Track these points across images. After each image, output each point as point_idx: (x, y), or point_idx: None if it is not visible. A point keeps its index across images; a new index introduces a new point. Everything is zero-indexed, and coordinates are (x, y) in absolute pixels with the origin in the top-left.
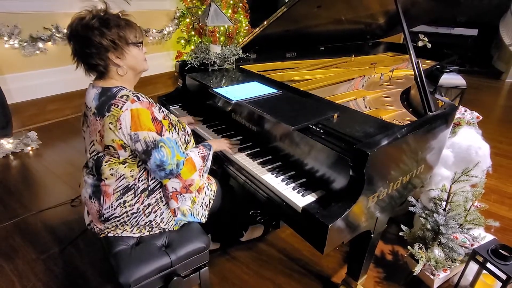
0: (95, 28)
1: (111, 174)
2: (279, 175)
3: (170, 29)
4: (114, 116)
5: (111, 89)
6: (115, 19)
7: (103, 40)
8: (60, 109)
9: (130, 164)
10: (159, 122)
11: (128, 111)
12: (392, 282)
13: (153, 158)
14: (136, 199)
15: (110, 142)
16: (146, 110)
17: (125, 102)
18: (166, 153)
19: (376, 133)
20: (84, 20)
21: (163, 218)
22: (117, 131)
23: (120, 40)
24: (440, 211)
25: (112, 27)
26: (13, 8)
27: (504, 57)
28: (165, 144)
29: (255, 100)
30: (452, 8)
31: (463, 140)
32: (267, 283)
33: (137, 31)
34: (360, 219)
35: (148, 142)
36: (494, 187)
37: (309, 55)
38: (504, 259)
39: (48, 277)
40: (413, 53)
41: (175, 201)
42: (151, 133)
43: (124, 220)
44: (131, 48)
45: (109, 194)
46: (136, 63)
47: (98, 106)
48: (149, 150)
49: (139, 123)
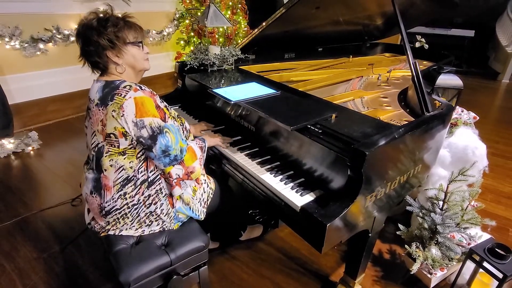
0: (94, 28)
1: (111, 165)
2: (277, 175)
3: (169, 30)
4: (117, 104)
5: (114, 81)
6: (114, 19)
7: (100, 39)
8: (60, 109)
9: (129, 155)
10: (161, 110)
11: (132, 99)
12: (389, 281)
13: (159, 143)
14: (137, 190)
15: (112, 130)
16: (149, 97)
17: (128, 91)
18: (171, 138)
19: (374, 133)
20: (87, 20)
21: (162, 209)
22: (119, 118)
23: (118, 39)
24: (437, 210)
25: (109, 27)
26: (14, 9)
27: (500, 58)
28: (169, 130)
29: (254, 101)
30: (449, 9)
31: (460, 140)
32: (266, 282)
33: (136, 31)
34: (358, 219)
35: (154, 127)
36: (491, 186)
37: (307, 56)
38: (500, 258)
39: (49, 275)
40: (411, 54)
41: (179, 187)
42: (156, 119)
43: (125, 212)
44: (129, 47)
45: (110, 187)
46: (134, 61)
47: (102, 97)
48: (155, 135)
49: (144, 110)
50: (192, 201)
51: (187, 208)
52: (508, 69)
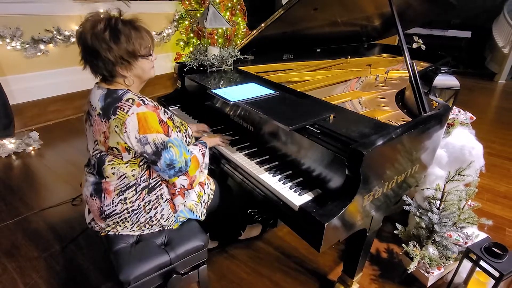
0: (104, 42)
1: (113, 173)
2: (276, 175)
3: (169, 31)
4: (120, 120)
5: (117, 91)
6: (127, 31)
7: (111, 55)
8: (61, 109)
9: (132, 163)
10: (165, 124)
11: (134, 115)
12: (387, 280)
13: (163, 158)
14: (137, 196)
15: (115, 144)
16: (152, 112)
17: (131, 106)
18: (175, 152)
19: (372, 133)
20: (96, 30)
21: (163, 215)
22: (122, 134)
23: (129, 55)
24: (434, 209)
25: (121, 43)
26: (15, 10)
27: (497, 59)
28: (173, 144)
29: (252, 101)
30: (446, 11)
31: (457, 140)
32: (264, 281)
33: (148, 40)
34: (355, 218)
35: (158, 143)
36: (487, 186)
37: (305, 56)
38: (497, 257)
39: (49, 274)
40: (408, 55)
41: (182, 197)
42: (160, 135)
43: (124, 216)
44: (140, 61)
45: (110, 191)
46: (143, 73)
47: (104, 107)
48: (159, 151)
49: (147, 126)
50: (195, 207)
51: (189, 212)
52: (504, 69)
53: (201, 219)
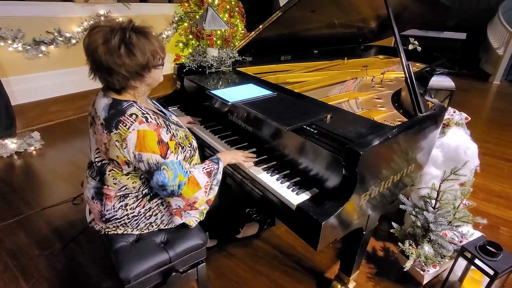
0: (119, 58)
1: (114, 184)
2: (274, 174)
3: (168, 33)
4: (121, 136)
5: (122, 103)
6: (141, 45)
7: (125, 71)
8: (62, 110)
9: (133, 176)
10: (165, 144)
11: (135, 131)
12: (383, 278)
13: (155, 179)
14: (138, 203)
15: (115, 157)
16: (153, 132)
17: (133, 122)
18: (168, 175)
19: (368, 134)
20: (110, 45)
21: (163, 220)
22: (122, 149)
23: (143, 68)
24: (429, 209)
25: (137, 57)
26: (17, 12)
27: (491, 60)
28: (167, 167)
29: (251, 102)
30: (441, 13)
31: (452, 140)
32: (262, 279)
33: (160, 49)
34: (352, 217)
35: (151, 164)
36: (482, 185)
37: (303, 58)
38: (491, 255)
39: (50, 272)
40: (404, 56)
41: (179, 217)
42: (155, 156)
43: (125, 221)
44: (152, 71)
45: (111, 196)
46: (153, 82)
47: (107, 118)
48: (151, 171)
49: (144, 145)
50: (194, 223)
51: None
52: (499, 71)
53: (200, 219)
